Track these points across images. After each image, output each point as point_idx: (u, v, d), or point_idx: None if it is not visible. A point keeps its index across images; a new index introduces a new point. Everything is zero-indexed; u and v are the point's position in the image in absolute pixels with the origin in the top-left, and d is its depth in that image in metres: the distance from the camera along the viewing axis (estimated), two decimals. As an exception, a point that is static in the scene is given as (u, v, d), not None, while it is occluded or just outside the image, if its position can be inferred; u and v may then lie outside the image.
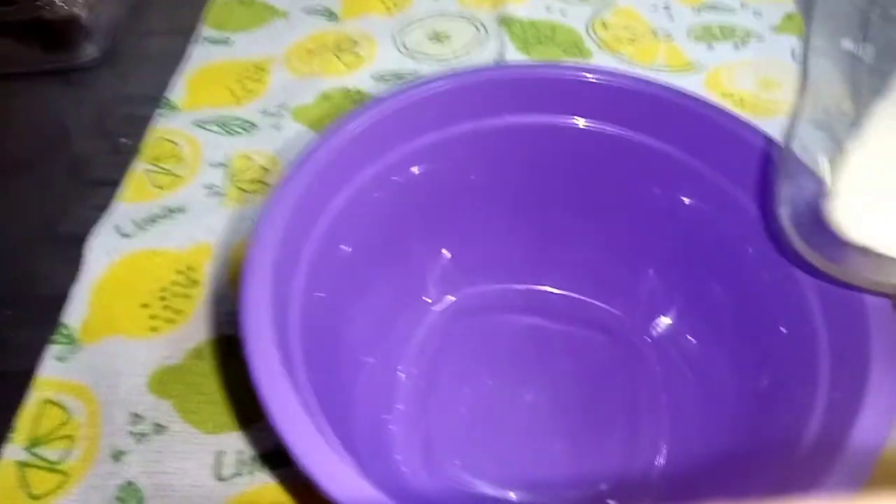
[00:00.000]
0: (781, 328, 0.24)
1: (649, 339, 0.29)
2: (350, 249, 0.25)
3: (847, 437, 0.18)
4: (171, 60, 0.40)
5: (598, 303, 0.29)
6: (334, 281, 0.25)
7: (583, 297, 0.30)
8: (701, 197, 0.25)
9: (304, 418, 0.19)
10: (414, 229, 0.27)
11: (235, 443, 0.27)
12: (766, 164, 0.23)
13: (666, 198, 0.26)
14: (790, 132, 0.21)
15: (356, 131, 0.23)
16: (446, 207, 0.27)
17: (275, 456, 0.26)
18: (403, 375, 0.28)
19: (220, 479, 0.26)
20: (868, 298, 0.21)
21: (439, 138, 0.25)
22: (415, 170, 0.26)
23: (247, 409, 0.27)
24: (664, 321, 0.28)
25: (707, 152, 0.25)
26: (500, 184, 0.27)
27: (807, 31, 0.20)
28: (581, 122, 0.25)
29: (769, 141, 0.24)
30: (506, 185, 0.27)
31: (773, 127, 0.25)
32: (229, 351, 0.29)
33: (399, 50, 0.40)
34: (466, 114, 0.25)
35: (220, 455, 0.26)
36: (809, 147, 0.20)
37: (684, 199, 0.26)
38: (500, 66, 0.27)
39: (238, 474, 0.26)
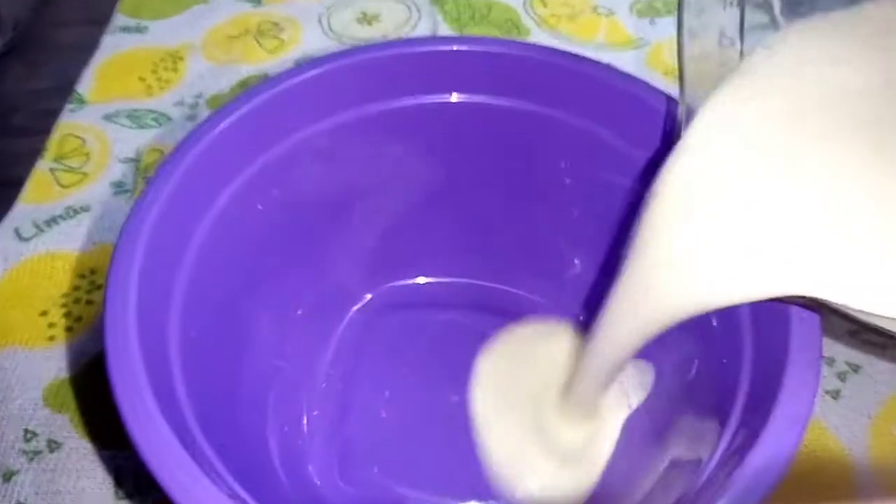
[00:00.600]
0: (712, 319, 0.23)
1: (579, 332, 0.27)
2: (245, 247, 0.23)
3: (757, 443, 0.16)
4: (84, 52, 0.37)
5: (525, 294, 0.28)
6: (229, 282, 0.23)
7: (509, 289, 0.28)
8: (614, 170, 0.23)
9: (174, 448, 0.17)
10: (321, 223, 0.25)
11: (135, 459, 0.25)
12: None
13: (577, 173, 0.24)
14: (681, 107, 0.19)
15: (239, 119, 0.21)
16: (356, 198, 0.25)
17: (177, 471, 0.25)
18: (319, 379, 0.27)
19: (119, 498, 0.24)
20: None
21: (337, 124, 0.23)
22: (313, 162, 0.24)
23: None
24: (594, 313, 0.27)
25: (615, 122, 0.23)
26: (413, 172, 0.25)
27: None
28: (484, 99, 0.24)
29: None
30: (418, 174, 0.25)
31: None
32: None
33: (325, 33, 0.38)
34: (369, 95, 0.23)
35: (118, 472, 0.25)
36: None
37: (597, 173, 0.24)
38: (391, 43, 0.25)
39: (137, 493, 0.24)
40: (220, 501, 0.16)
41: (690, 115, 0.19)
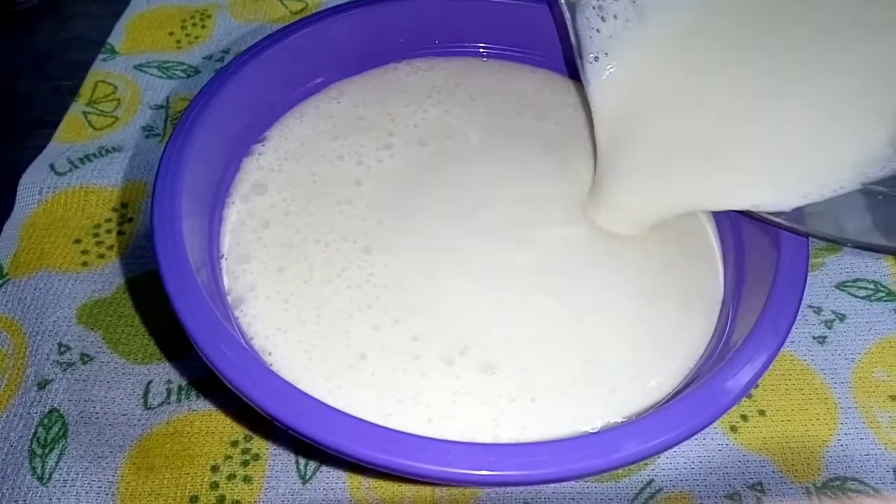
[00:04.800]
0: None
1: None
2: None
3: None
4: (114, 5, 0.39)
5: None
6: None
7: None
8: None
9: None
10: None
11: (164, 373, 0.26)
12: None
13: None
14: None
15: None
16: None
17: (203, 384, 0.26)
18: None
19: (148, 407, 0.26)
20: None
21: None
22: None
23: (176, 340, 0.27)
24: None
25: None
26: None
27: None
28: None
29: None
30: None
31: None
32: (160, 285, 0.29)
33: (347, -2, 0.40)
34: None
35: (147, 385, 0.26)
36: None
37: None
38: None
39: (166, 403, 0.26)
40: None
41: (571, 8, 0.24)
